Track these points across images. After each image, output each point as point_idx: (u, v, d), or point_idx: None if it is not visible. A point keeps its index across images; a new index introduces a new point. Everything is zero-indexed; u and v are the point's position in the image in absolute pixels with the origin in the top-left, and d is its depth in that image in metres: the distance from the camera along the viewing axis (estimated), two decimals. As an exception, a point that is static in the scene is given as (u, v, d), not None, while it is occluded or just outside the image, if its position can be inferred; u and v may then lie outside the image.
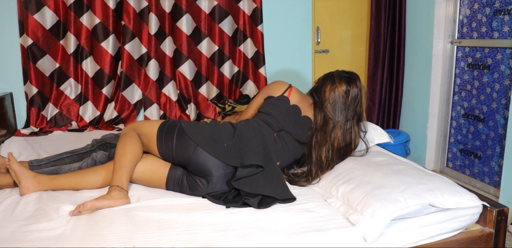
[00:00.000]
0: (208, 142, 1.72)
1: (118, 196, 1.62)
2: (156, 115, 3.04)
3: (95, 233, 1.41)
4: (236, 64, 3.21)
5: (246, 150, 1.70)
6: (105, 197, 1.61)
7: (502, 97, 2.79)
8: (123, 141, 1.76)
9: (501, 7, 2.76)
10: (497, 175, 2.86)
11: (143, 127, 1.81)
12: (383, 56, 3.51)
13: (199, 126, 1.81)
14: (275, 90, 1.97)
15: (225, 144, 1.73)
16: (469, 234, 1.60)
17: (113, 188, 1.64)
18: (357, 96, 1.93)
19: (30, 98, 2.83)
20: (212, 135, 1.76)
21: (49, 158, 2.00)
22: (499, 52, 2.80)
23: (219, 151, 1.70)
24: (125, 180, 1.68)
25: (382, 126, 3.64)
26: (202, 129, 1.79)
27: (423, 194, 1.53)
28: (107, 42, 2.89)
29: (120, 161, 1.70)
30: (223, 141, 1.74)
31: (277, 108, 1.89)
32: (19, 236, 1.39)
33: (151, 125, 1.82)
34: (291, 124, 1.87)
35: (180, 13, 2.98)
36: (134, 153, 1.73)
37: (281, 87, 1.97)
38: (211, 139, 1.74)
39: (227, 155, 1.70)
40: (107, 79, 2.94)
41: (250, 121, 1.87)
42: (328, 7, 3.51)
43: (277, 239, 1.39)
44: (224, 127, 1.83)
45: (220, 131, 1.79)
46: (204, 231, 1.44)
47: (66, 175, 1.78)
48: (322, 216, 1.55)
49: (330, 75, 2.00)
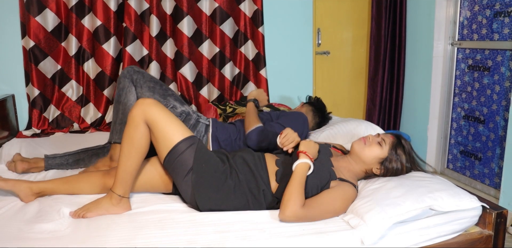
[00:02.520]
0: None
1: (119, 205, 1.58)
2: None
3: (96, 234, 1.42)
4: (237, 65, 3.21)
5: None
6: (104, 207, 1.57)
7: (502, 99, 2.80)
8: (131, 136, 1.58)
9: (501, 9, 2.77)
10: (497, 177, 2.86)
11: (159, 126, 1.59)
12: (384, 58, 3.51)
13: (211, 186, 1.60)
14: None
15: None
16: (469, 236, 1.60)
17: (114, 196, 1.58)
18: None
19: (32, 99, 2.84)
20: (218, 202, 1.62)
21: (65, 153, 2.10)
22: (499, 54, 2.80)
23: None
24: (127, 188, 1.60)
25: (382, 127, 3.65)
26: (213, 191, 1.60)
27: (423, 197, 1.53)
28: (109, 44, 2.90)
29: (125, 165, 1.58)
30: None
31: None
32: (22, 236, 1.40)
33: (169, 129, 1.60)
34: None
35: (181, 15, 3.00)
36: (140, 153, 1.59)
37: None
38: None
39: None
40: (109, 80, 2.95)
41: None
42: (329, 8, 3.52)
43: (277, 241, 1.40)
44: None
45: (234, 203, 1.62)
46: (205, 232, 1.44)
47: (63, 183, 1.73)
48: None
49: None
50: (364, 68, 3.74)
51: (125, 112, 2.02)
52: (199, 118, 2.12)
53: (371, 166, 1.73)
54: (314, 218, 1.52)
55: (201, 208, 1.59)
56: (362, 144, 1.72)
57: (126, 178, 1.59)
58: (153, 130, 1.59)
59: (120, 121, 2.02)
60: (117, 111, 2.05)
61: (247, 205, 1.61)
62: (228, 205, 1.60)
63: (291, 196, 1.49)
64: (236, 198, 1.61)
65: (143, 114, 1.57)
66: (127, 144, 1.59)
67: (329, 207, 1.54)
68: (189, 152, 1.60)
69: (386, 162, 1.71)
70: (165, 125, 1.59)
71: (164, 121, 1.59)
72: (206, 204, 1.59)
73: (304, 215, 1.48)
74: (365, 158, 1.71)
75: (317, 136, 2.46)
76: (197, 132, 2.07)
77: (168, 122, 1.60)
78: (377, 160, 1.71)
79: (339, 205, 1.56)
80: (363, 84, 3.77)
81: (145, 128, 1.59)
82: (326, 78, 3.66)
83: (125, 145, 1.59)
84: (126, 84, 2.05)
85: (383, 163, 1.71)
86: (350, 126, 2.51)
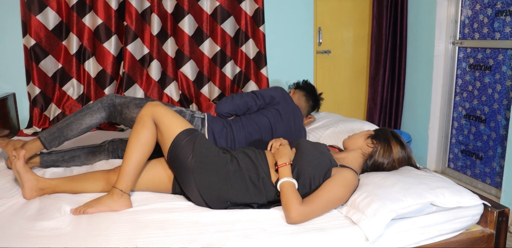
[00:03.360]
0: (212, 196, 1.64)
1: (120, 201, 1.60)
2: (158, 115, 3.05)
3: (97, 233, 1.42)
4: (238, 64, 3.21)
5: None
6: (105, 203, 1.59)
7: (503, 98, 2.80)
8: (138, 132, 1.66)
9: (502, 8, 2.76)
10: (498, 176, 2.86)
11: (164, 120, 1.68)
12: (385, 57, 3.51)
13: (210, 170, 1.65)
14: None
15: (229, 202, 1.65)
16: (470, 235, 1.60)
17: (116, 192, 1.61)
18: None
19: (33, 98, 2.84)
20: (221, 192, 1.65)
21: (61, 149, 2.08)
22: (500, 53, 2.80)
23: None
24: (130, 183, 1.64)
25: (383, 126, 3.64)
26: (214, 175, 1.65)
27: (424, 193, 1.53)
28: (110, 42, 2.90)
29: (129, 161, 1.63)
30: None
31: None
32: (23, 234, 1.40)
33: (172, 122, 1.69)
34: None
35: (182, 14, 2.99)
36: (145, 149, 1.66)
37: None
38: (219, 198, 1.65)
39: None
40: (110, 79, 2.95)
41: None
42: (330, 7, 3.52)
43: (279, 239, 1.40)
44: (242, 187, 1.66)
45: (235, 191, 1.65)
46: (207, 231, 1.44)
47: (68, 180, 1.76)
48: (324, 216, 1.55)
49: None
50: (365, 67, 3.74)
51: (69, 126, 1.96)
52: (194, 113, 2.15)
53: (363, 146, 1.78)
54: (320, 210, 1.53)
55: (201, 193, 1.62)
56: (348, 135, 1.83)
57: (130, 173, 1.64)
58: (159, 126, 1.69)
59: (59, 126, 1.97)
60: (67, 119, 1.99)
61: (246, 192, 1.62)
62: (228, 188, 1.62)
63: (287, 200, 1.52)
64: (236, 182, 1.63)
65: (151, 112, 1.69)
66: (134, 139, 1.67)
67: (331, 195, 1.55)
68: (190, 139, 1.68)
69: (375, 138, 1.78)
70: (169, 119, 1.69)
71: (168, 116, 1.70)
72: (206, 187, 1.62)
73: (309, 211, 1.50)
74: (353, 140, 1.82)
75: (320, 134, 2.46)
76: (194, 126, 2.07)
77: (171, 117, 1.71)
78: (364, 136, 1.80)
79: (341, 191, 1.57)
80: (364, 83, 3.77)
81: (152, 126, 1.69)
82: (327, 77, 3.66)
83: (132, 140, 1.67)
84: (95, 107, 2.01)
85: (372, 137, 1.78)
86: (351, 126, 2.51)
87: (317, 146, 1.78)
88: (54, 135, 1.96)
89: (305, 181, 1.61)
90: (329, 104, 3.66)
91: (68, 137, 1.98)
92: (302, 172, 1.63)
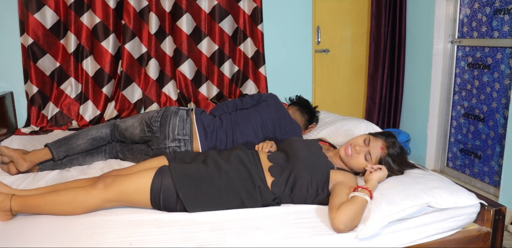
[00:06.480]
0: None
1: (2, 213, 1.49)
2: (156, 114, 3.05)
3: (92, 231, 1.42)
4: (236, 63, 3.21)
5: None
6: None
7: (502, 97, 2.79)
8: (74, 200, 1.50)
9: (501, 7, 2.76)
10: (497, 175, 2.85)
11: (125, 189, 1.53)
12: (384, 56, 3.51)
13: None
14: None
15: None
16: (467, 234, 1.60)
17: (7, 205, 1.48)
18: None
19: (31, 97, 2.84)
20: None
21: (66, 143, 2.08)
22: (499, 51, 2.79)
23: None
24: (23, 212, 1.52)
25: (382, 125, 3.64)
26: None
27: (420, 194, 1.53)
28: (107, 41, 2.89)
29: (44, 207, 1.50)
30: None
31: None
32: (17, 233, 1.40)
33: (134, 182, 1.54)
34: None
35: (180, 13, 2.99)
36: (65, 211, 1.52)
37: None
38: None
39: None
40: (107, 78, 2.95)
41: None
42: (329, 6, 3.51)
43: (273, 238, 1.40)
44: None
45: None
46: (202, 230, 1.44)
47: (46, 190, 1.65)
48: (319, 215, 1.55)
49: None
50: (363, 66, 3.73)
51: (76, 136, 2.08)
52: (180, 107, 2.19)
53: (359, 171, 1.80)
54: (355, 212, 1.44)
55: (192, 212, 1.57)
56: (348, 156, 1.75)
57: (32, 209, 1.51)
58: (121, 200, 1.54)
59: (67, 136, 2.10)
60: (75, 133, 2.11)
61: (242, 204, 1.60)
62: (220, 205, 1.59)
63: (352, 211, 1.44)
64: (230, 199, 1.59)
65: (105, 196, 1.52)
66: (64, 202, 1.50)
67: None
68: (165, 179, 1.56)
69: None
70: (130, 183, 1.54)
71: (125, 182, 1.54)
72: (198, 209, 1.57)
73: (347, 218, 1.42)
74: (351, 167, 1.79)
75: (317, 133, 2.45)
76: (179, 117, 2.10)
77: (129, 180, 1.55)
78: (363, 169, 1.76)
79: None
80: (363, 82, 3.76)
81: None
82: (326, 76, 3.65)
83: (62, 202, 1.50)
84: (101, 124, 2.18)
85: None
86: (350, 125, 2.51)
87: (311, 147, 1.78)
88: (60, 142, 2.05)
89: (302, 186, 1.63)
90: (328, 103, 3.66)
91: (74, 145, 2.05)
92: (299, 177, 1.63)
